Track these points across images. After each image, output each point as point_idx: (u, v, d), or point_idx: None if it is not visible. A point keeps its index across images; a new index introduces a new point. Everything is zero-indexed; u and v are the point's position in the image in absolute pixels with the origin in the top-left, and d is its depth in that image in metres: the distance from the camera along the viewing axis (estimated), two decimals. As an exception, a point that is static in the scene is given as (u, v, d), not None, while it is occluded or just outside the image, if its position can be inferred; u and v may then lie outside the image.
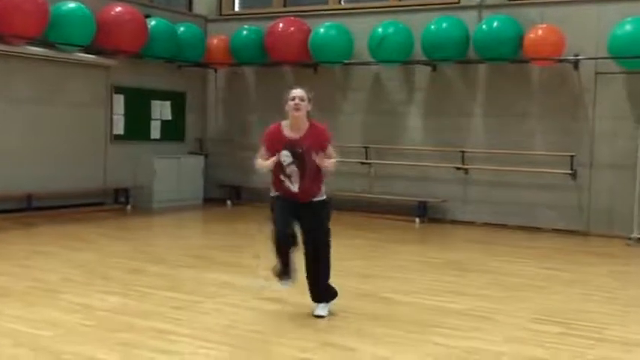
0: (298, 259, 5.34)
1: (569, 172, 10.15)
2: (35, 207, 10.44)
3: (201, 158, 13.07)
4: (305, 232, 5.28)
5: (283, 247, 5.23)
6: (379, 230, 10.27)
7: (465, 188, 11.12)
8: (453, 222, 11.10)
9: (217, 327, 5.04)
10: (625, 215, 9.79)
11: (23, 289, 6.03)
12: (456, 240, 9.95)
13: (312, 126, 5.32)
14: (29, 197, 10.40)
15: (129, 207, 11.73)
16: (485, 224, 10.82)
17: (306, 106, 5.26)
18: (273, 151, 5.28)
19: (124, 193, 11.81)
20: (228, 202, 12.72)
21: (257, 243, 5.36)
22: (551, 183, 10.41)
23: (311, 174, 5.24)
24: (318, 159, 5.19)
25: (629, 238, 9.45)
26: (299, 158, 5.21)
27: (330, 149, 5.33)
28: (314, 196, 5.30)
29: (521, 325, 5.32)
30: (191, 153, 13.19)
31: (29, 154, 10.52)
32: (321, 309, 5.36)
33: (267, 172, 5.37)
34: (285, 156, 5.22)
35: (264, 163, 5.31)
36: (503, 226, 10.65)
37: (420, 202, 11.11)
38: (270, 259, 5.42)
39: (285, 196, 5.29)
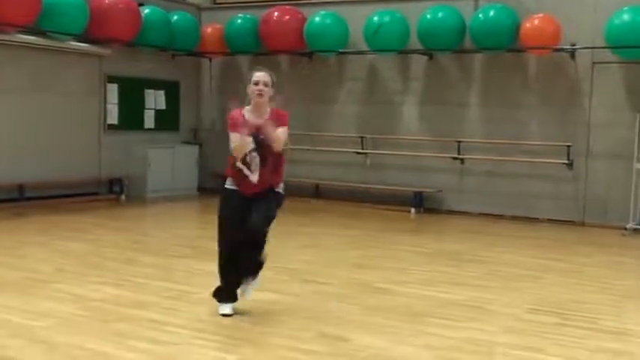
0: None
1: (566, 162, 10.14)
2: (28, 197, 10.38)
3: (196, 148, 13.01)
4: (249, 217, 4.85)
5: (232, 260, 4.92)
6: (374, 220, 10.24)
7: (461, 178, 11.10)
8: (449, 212, 11.08)
9: (212, 317, 5.01)
10: (621, 205, 9.79)
11: (17, 280, 5.99)
12: (452, 230, 9.93)
13: (273, 112, 5.00)
14: (21, 187, 10.33)
15: (123, 197, 11.67)
16: (481, 214, 10.81)
17: (269, 91, 4.95)
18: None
19: (118, 183, 11.75)
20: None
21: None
22: (547, 173, 10.40)
23: (272, 163, 4.95)
24: (268, 126, 4.78)
25: (625, 229, 9.45)
26: (261, 145, 4.89)
27: (284, 129, 4.91)
28: (270, 186, 4.98)
29: (517, 315, 5.31)
30: (185, 142, 13.13)
31: (22, 144, 10.44)
32: (248, 291, 5.06)
33: (243, 152, 4.87)
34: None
35: (240, 137, 4.81)
36: (499, 217, 10.64)
37: (415, 192, 11.09)
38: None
39: (240, 189, 4.94)
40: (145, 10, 11.52)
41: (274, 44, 11.81)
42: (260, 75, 4.96)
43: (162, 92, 12.77)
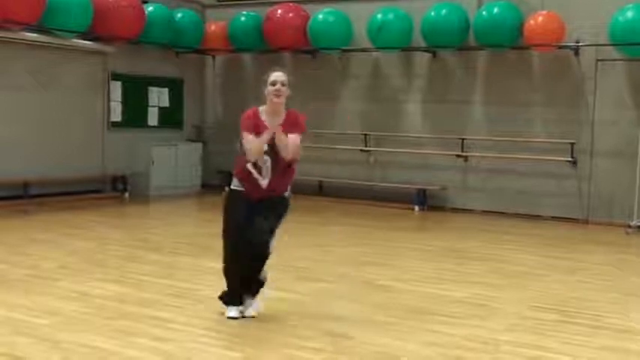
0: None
1: (570, 159, 10.12)
2: (32, 194, 10.40)
3: (199, 145, 13.02)
4: (253, 224, 4.76)
5: (237, 263, 4.75)
6: (378, 218, 10.23)
7: (465, 176, 11.09)
8: (453, 210, 11.08)
9: (216, 315, 5.01)
10: (625, 203, 9.77)
11: (21, 277, 6.00)
12: (456, 228, 9.92)
13: (290, 114, 4.87)
14: (26, 185, 10.35)
15: (126, 194, 11.69)
16: (485, 212, 10.80)
17: (286, 91, 4.81)
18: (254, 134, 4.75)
19: (122, 181, 11.77)
20: (227, 190, 12.66)
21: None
22: (551, 171, 10.38)
23: (283, 168, 4.81)
24: (278, 132, 4.66)
25: (629, 226, 9.42)
26: (274, 149, 4.73)
27: (297, 136, 4.75)
28: (280, 192, 4.87)
29: (520, 312, 5.30)
30: (189, 140, 13.14)
31: (26, 141, 10.46)
32: (254, 308, 4.92)
33: (259, 155, 4.74)
34: None
35: (257, 139, 4.70)
36: (503, 214, 10.63)
37: (419, 189, 11.08)
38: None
39: (247, 192, 4.81)
40: (149, 8, 11.52)
41: (278, 42, 11.80)
42: (278, 75, 4.82)
43: (165, 90, 12.78)
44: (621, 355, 4.42)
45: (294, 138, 4.75)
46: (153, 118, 12.61)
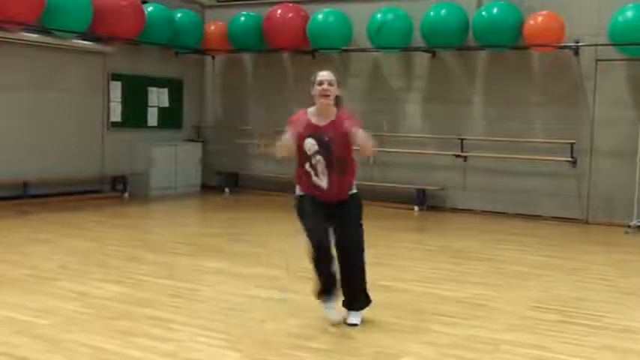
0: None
1: (570, 159, 10.12)
2: (31, 194, 10.40)
3: (199, 145, 13.02)
4: (337, 233, 4.77)
5: (324, 261, 4.65)
6: (378, 218, 10.21)
7: (465, 176, 11.09)
8: (452, 210, 11.08)
9: (216, 315, 5.02)
10: (625, 203, 9.77)
11: (20, 277, 6.00)
12: (455, 228, 9.93)
13: (340, 115, 4.81)
14: (25, 185, 10.35)
15: (126, 194, 11.69)
16: (485, 212, 10.80)
17: (335, 90, 4.77)
18: (297, 135, 4.76)
19: (121, 181, 11.77)
20: (226, 190, 12.69)
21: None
22: (551, 171, 10.38)
23: (340, 165, 4.76)
24: (353, 134, 4.66)
25: (629, 226, 9.42)
26: (325, 147, 4.70)
27: (360, 130, 4.72)
28: (345, 192, 4.84)
29: (520, 313, 5.30)
30: (188, 140, 13.14)
31: (25, 142, 10.46)
32: (354, 317, 4.85)
33: (287, 157, 4.83)
34: (310, 144, 4.73)
35: (282, 143, 4.73)
36: (503, 214, 10.63)
37: (419, 189, 11.08)
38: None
39: (313, 195, 4.79)
40: (149, 8, 11.52)
41: (277, 42, 11.80)
42: (324, 74, 4.80)
43: (165, 90, 12.79)
44: (621, 355, 4.42)
45: (363, 132, 4.69)
46: (153, 119, 12.61)
